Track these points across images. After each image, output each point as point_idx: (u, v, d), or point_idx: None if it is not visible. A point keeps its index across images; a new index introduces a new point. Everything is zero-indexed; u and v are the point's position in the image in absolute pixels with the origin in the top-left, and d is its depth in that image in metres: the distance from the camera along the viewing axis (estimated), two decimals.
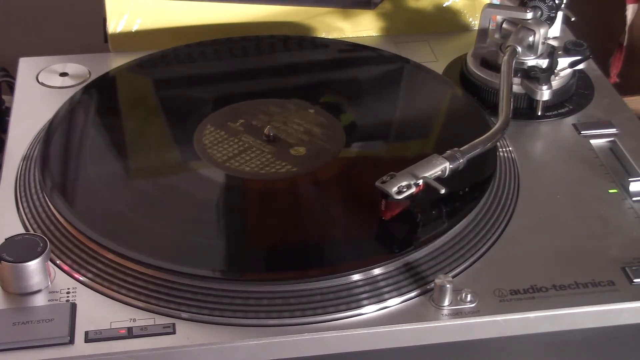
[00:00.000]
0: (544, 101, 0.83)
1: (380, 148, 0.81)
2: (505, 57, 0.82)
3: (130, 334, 0.62)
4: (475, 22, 0.99)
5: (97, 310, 0.64)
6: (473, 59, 0.88)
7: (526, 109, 0.84)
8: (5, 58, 0.98)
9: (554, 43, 0.86)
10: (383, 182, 0.68)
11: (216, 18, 0.96)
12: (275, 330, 0.63)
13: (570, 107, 0.85)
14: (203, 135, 0.79)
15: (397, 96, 0.87)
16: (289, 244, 0.70)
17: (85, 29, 1.01)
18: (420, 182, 0.69)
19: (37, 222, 0.71)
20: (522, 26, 0.84)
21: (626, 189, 0.75)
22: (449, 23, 0.99)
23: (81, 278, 0.66)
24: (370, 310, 0.64)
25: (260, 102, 0.84)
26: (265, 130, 0.79)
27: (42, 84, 0.89)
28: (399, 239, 0.70)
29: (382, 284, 0.66)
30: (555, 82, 0.84)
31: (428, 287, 0.66)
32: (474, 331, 0.64)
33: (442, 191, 0.68)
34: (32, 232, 0.70)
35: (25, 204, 0.73)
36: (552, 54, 0.84)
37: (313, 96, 0.85)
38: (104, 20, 0.95)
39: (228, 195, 0.75)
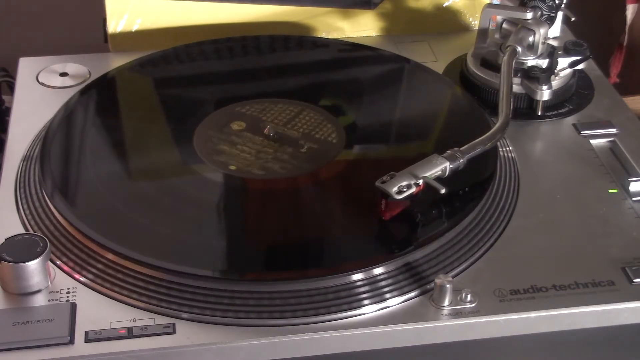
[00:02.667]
0: (544, 101, 0.83)
1: (381, 148, 0.81)
2: (505, 57, 0.82)
3: (130, 334, 0.62)
4: (475, 22, 0.99)
5: (97, 310, 0.64)
6: (473, 59, 0.88)
7: (526, 109, 0.84)
8: (5, 58, 0.98)
9: (554, 43, 0.86)
10: (383, 182, 0.68)
11: (216, 18, 0.96)
12: (275, 331, 0.63)
13: (570, 107, 0.85)
14: (203, 135, 0.79)
15: (397, 96, 0.87)
16: (290, 244, 0.70)
17: (85, 29, 1.01)
18: (420, 182, 0.69)
19: (37, 222, 0.71)
20: (522, 26, 0.84)
21: (626, 189, 0.75)
22: (449, 23, 0.99)
23: (81, 278, 0.66)
24: (370, 310, 0.64)
25: (259, 102, 0.84)
26: (266, 130, 0.79)
27: (42, 84, 0.89)
28: (399, 239, 0.69)
29: (382, 283, 0.66)
30: (555, 82, 0.84)
31: (428, 287, 0.66)
32: (474, 331, 0.64)
33: (442, 191, 0.68)
34: (32, 232, 0.70)
35: (25, 204, 0.73)
36: (552, 54, 0.84)
37: (313, 96, 0.85)
38: (104, 20, 0.95)
39: (228, 195, 0.75)
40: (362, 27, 0.98)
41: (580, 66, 0.85)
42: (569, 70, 0.85)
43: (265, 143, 0.79)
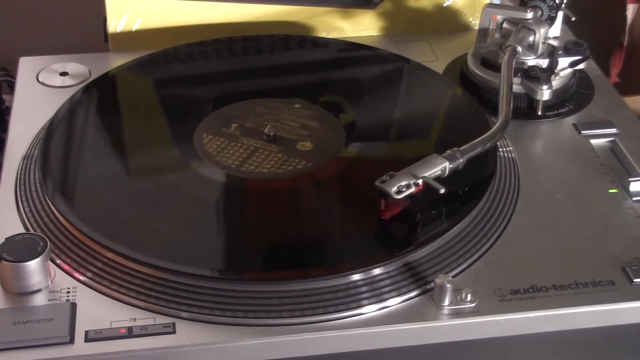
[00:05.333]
0: (544, 101, 0.83)
1: (380, 147, 0.81)
2: (506, 57, 0.82)
3: (130, 333, 0.62)
4: (475, 22, 0.99)
5: (97, 309, 0.64)
6: (473, 58, 0.88)
7: (526, 108, 0.84)
8: (5, 57, 0.98)
9: (554, 43, 0.86)
10: (383, 182, 0.68)
11: (217, 17, 0.96)
12: (275, 330, 0.63)
13: (571, 106, 0.85)
14: (203, 134, 0.79)
15: (397, 96, 0.87)
16: (289, 244, 0.70)
17: (86, 29, 1.01)
18: (420, 181, 0.69)
19: (37, 221, 0.71)
20: (523, 26, 0.84)
21: (626, 188, 0.75)
22: (449, 23, 0.99)
23: (81, 277, 0.66)
24: (370, 310, 0.64)
25: (259, 102, 0.84)
26: (266, 130, 0.79)
27: (42, 83, 0.89)
28: (399, 239, 0.69)
29: (382, 283, 0.66)
30: (556, 82, 0.84)
31: (428, 286, 0.66)
32: (474, 331, 0.64)
33: (442, 191, 0.68)
34: (32, 231, 0.70)
35: (25, 204, 0.73)
36: (552, 53, 0.84)
37: (314, 96, 0.85)
38: (104, 19, 0.95)
39: (228, 195, 0.75)
40: (362, 27, 0.98)
41: (581, 66, 0.85)
42: (569, 70, 0.85)
43: (266, 142, 0.78)
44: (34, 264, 0.64)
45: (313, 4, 0.97)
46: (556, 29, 0.91)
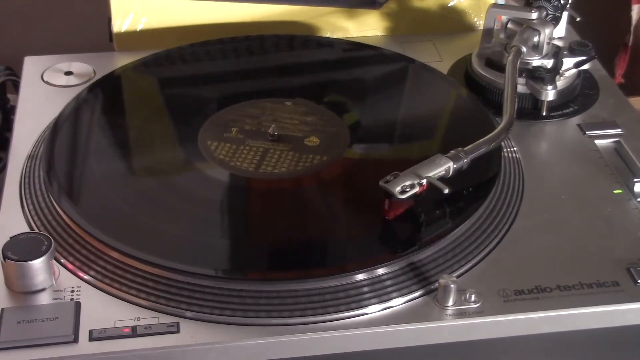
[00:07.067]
0: (548, 101, 0.83)
1: (385, 148, 0.81)
2: (510, 57, 0.82)
3: (134, 332, 0.62)
4: (480, 22, 0.99)
5: (101, 309, 0.64)
6: (478, 59, 0.88)
7: (531, 109, 0.84)
8: (10, 57, 0.98)
9: (559, 43, 0.86)
10: (387, 182, 0.68)
11: (221, 17, 0.96)
12: (279, 330, 0.63)
13: (575, 107, 0.85)
14: (207, 134, 0.79)
15: (401, 96, 0.87)
16: (293, 244, 0.70)
17: (90, 28, 1.01)
18: (424, 181, 0.69)
19: (42, 220, 0.71)
20: (527, 26, 0.84)
21: (631, 189, 0.75)
22: (453, 23, 0.99)
23: (85, 277, 0.67)
24: (374, 310, 0.64)
25: (263, 102, 0.84)
26: (270, 130, 0.79)
27: (47, 82, 0.89)
28: (403, 239, 0.69)
29: (386, 283, 0.66)
30: (560, 83, 0.84)
31: (432, 287, 0.66)
32: (478, 331, 0.64)
33: (446, 191, 0.68)
34: (36, 230, 0.70)
35: (30, 203, 0.73)
36: (557, 54, 0.84)
37: (318, 96, 0.85)
38: (109, 19, 0.95)
39: (232, 194, 0.75)
40: (367, 27, 0.98)
41: (585, 66, 0.85)
42: (573, 71, 0.85)
43: (270, 142, 0.79)
44: (38, 263, 0.64)
45: (318, 4, 0.97)
46: (561, 30, 0.91)
